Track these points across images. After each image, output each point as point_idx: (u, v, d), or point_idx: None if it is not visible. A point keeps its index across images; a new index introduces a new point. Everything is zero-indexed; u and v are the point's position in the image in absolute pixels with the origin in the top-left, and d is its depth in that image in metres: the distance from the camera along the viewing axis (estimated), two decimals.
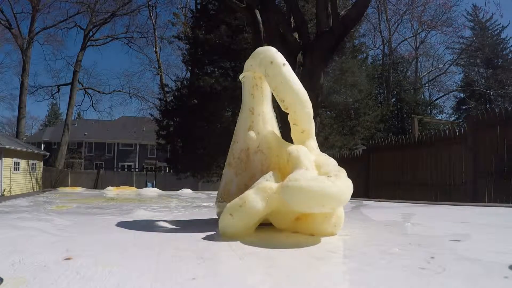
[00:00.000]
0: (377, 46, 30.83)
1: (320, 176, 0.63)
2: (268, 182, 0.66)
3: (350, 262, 0.56)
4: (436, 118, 27.24)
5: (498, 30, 32.65)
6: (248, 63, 0.80)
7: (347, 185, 0.62)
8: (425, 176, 6.98)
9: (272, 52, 0.76)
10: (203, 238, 0.67)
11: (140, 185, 5.96)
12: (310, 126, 0.78)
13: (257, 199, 0.64)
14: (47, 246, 0.63)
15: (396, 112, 29.34)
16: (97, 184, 19.76)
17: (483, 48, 30.66)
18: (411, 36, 31.03)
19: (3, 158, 15.24)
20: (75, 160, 33.42)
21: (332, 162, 0.71)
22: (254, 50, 0.81)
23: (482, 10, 32.21)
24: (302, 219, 0.68)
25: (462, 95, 33.33)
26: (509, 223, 1.02)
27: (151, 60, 28.60)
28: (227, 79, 14.67)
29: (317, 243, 0.63)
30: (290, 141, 0.78)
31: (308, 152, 0.71)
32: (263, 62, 0.76)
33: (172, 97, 17.69)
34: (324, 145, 13.61)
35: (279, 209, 0.66)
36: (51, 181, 19.30)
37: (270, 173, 0.70)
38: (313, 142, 0.77)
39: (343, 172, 0.65)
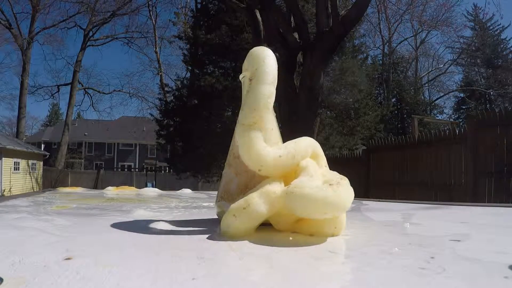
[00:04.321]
0: (377, 46, 30.86)
1: (323, 184, 0.64)
2: (271, 186, 0.67)
3: (350, 262, 0.56)
4: (436, 118, 27.24)
5: (498, 30, 32.66)
6: (245, 63, 0.81)
7: (349, 193, 0.64)
8: (425, 176, 6.98)
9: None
10: (203, 238, 0.67)
11: (140, 185, 5.96)
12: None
13: (260, 202, 0.65)
14: (47, 246, 0.63)
15: (396, 112, 29.34)
16: (97, 184, 19.73)
17: (483, 48, 30.66)
18: (411, 36, 31.06)
19: (3, 158, 15.24)
20: (75, 160, 33.43)
21: (335, 173, 0.74)
22: None
23: (482, 10, 32.23)
24: (303, 221, 0.68)
25: (462, 95, 33.31)
26: (509, 223, 1.02)
27: (151, 60, 28.61)
28: (227, 79, 14.68)
29: (317, 243, 0.63)
30: (289, 140, 0.78)
31: (316, 165, 0.73)
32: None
33: (172, 97, 17.70)
34: (325, 146, 13.62)
35: (281, 211, 0.67)
36: (51, 181, 19.29)
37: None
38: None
39: (345, 180, 0.67)
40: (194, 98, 15.53)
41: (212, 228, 0.75)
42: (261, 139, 0.69)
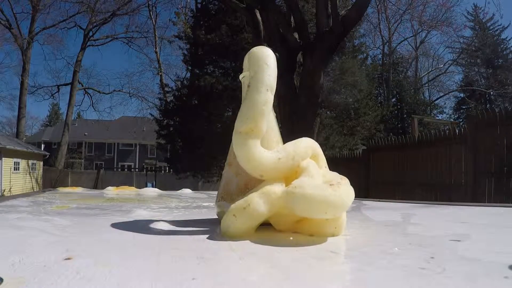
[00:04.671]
0: (377, 46, 30.83)
1: (323, 184, 0.64)
2: (272, 187, 0.67)
3: (350, 262, 0.56)
4: (436, 118, 27.22)
5: (498, 30, 32.65)
6: (245, 63, 0.80)
7: (349, 192, 0.64)
8: (425, 176, 6.98)
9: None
10: (203, 238, 0.67)
11: (140, 185, 5.96)
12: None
13: (261, 202, 0.65)
14: (47, 246, 0.63)
15: (396, 112, 29.33)
16: (97, 184, 19.72)
17: (483, 48, 30.65)
18: (411, 36, 31.05)
19: (3, 158, 15.24)
20: (75, 160, 33.43)
21: (336, 173, 0.74)
22: None
23: (482, 10, 32.23)
24: (303, 221, 0.68)
25: (462, 95, 33.29)
26: (509, 223, 1.02)
27: (151, 60, 28.58)
28: (227, 78, 14.68)
29: (317, 243, 0.63)
30: (289, 140, 0.78)
31: (316, 165, 0.73)
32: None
33: (172, 97, 17.71)
34: (324, 146, 13.62)
35: (281, 212, 0.67)
36: (51, 181, 19.28)
37: None
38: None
39: (345, 180, 0.67)
40: (194, 98, 15.54)
41: (212, 228, 0.75)
42: (259, 146, 0.69)
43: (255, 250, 0.59)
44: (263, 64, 0.71)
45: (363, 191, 8.05)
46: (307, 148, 0.74)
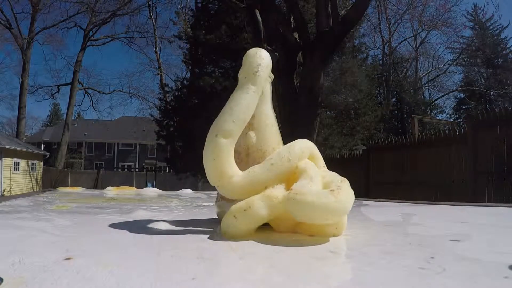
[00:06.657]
0: (377, 46, 30.82)
1: (324, 190, 0.64)
2: (273, 190, 0.67)
3: (350, 262, 0.56)
4: (436, 118, 27.22)
5: (498, 30, 32.66)
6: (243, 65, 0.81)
7: (349, 196, 0.64)
8: (425, 176, 6.98)
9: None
10: (203, 238, 0.67)
11: (140, 185, 5.95)
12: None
13: (261, 205, 0.65)
14: (47, 246, 0.63)
15: (396, 112, 29.35)
16: (97, 184, 19.73)
17: (483, 48, 30.65)
18: (411, 36, 31.04)
19: (3, 158, 15.23)
20: (75, 160, 33.41)
21: (335, 174, 0.74)
22: None
23: (481, 10, 32.24)
24: (303, 222, 0.68)
25: (462, 95, 33.29)
26: (509, 223, 1.02)
27: (151, 60, 28.60)
28: (227, 78, 14.69)
29: (317, 243, 0.63)
30: (290, 140, 0.78)
31: (314, 166, 0.73)
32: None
33: (172, 97, 17.72)
34: (324, 146, 13.62)
35: (281, 215, 0.67)
36: (51, 181, 19.27)
37: None
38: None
39: (345, 182, 0.67)
40: (194, 98, 15.55)
41: (212, 228, 0.75)
42: (240, 178, 0.70)
43: (255, 250, 0.59)
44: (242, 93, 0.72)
45: (363, 191, 8.04)
46: (303, 148, 0.74)
